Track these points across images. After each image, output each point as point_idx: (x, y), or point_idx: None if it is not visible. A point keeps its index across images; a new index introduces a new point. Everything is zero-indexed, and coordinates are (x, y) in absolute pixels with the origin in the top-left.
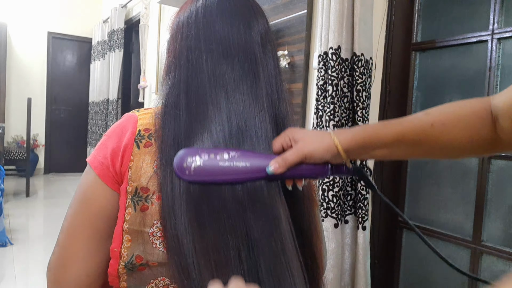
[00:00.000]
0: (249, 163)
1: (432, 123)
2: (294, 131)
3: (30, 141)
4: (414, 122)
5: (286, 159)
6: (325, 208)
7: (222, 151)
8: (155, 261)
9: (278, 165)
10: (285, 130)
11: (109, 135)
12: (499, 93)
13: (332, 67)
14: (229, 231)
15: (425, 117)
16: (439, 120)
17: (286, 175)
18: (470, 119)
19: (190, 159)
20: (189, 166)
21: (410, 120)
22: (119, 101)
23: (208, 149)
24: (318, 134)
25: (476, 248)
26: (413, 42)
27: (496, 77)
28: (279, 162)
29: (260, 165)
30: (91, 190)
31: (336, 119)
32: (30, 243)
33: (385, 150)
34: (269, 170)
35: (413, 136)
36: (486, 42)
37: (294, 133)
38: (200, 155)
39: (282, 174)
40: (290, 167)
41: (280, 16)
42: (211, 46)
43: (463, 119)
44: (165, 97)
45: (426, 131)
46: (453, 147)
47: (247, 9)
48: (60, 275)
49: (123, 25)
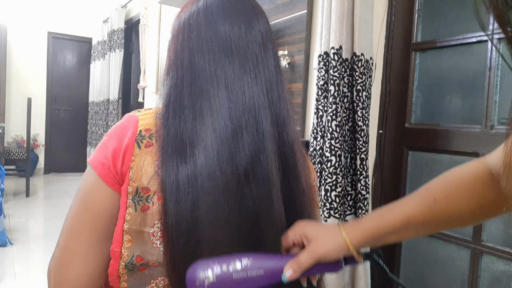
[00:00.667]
0: (263, 270)
1: (435, 198)
2: (305, 228)
3: (30, 141)
4: (416, 201)
5: (301, 264)
6: (328, 208)
7: (234, 260)
8: (155, 261)
9: (293, 271)
10: (295, 225)
11: (110, 135)
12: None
13: (334, 67)
14: None
15: (426, 193)
16: (441, 194)
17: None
18: (473, 186)
19: (202, 274)
20: (202, 283)
21: (412, 199)
22: (120, 101)
23: (220, 260)
24: (328, 231)
25: (476, 248)
26: (413, 42)
27: (496, 77)
28: (294, 268)
29: (275, 271)
30: (92, 190)
31: (338, 119)
32: (30, 243)
33: (394, 235)
34: (284, 278)
35: (419, 216)
36: (486, 42)
37: (305, 230)
38: (212, 268)
39: None
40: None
41: (280, 16)
42: (212, 46)
43: (466, 188)
44: (166, 97)
45: (431, 208)
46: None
47: (248, 9)
48: (61, 276)
49: (123, 25)
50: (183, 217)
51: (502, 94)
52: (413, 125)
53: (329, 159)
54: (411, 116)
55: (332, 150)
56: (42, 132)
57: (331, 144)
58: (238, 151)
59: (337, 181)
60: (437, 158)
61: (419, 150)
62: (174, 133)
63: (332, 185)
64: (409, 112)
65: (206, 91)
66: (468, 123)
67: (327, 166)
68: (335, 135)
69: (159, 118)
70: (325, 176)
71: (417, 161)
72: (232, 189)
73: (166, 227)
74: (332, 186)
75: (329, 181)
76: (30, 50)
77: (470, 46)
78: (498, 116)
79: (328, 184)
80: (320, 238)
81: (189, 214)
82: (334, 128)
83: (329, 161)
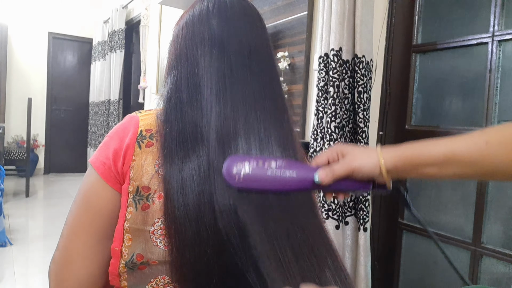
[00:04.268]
0: (296, 172)
1: (487, 141)
2: (342, 146)
3: (30, 141)
4: (466, 139)
5: (334, 171)
6: (326, 209)
7: (269, 159)
8: (155, 259)
9: (326, 175)
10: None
11: (111, 136)
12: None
13: (333, 69)
14: None
15: (479, 134)
16: (496, 138)
17: (331, 187)
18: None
19: (239, 165)
20: (239, 172)
21: (463, 137)
22: (121, 101)
23: (256, 157)
24: (365, 150)
25: (476, 250)
26: (413, 44)
27: (496, 79)
28: (327, 172)
29: (307, 176)
30: (93, 190)
31: (337, 120)
32: (30, 243)
33: (434, 168)
34: (316, 178)
35: (465, 154)
36: (486, 44)
37: (342, 147)
38: (249, 161)
39: (327, 186)
40: (336, 179)
41: (281, 17)
42: (211, 46)
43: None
44: (167, 95)
45: (480, 149)
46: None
47: (244, 10)
48: (62, 274)
49: (123, 26)
50: (189, 205)
51: (502, 96)
52: (413, 127)
53: None
54: (411, 117)
55: None
56: (42, 132)
57: (330, 146)
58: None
59: None
60: None
61: None
62: (175, 129)
63: None
64: (409, 113)
65: (205, 88)
66: (469, 125)
67: None
68: (334, 136)
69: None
70: None
71: None
72: None
73: (172, 217)
74: None
75: None
76: (30, 50)
77: (470, 48)
78: (499, 118)
79: None
80: (357, 153)
81: (196, 202)
82: (333, 129)
83: None
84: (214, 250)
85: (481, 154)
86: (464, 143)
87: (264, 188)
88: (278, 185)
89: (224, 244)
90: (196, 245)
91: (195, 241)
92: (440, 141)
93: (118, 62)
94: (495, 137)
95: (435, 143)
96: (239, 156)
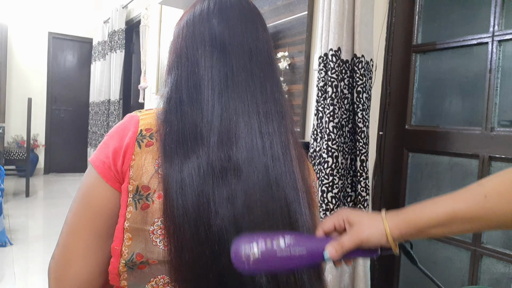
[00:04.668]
0: (305, 249)
1: (486, 194)
2: (348, 213)
3: (30, 141)
4: (465, 195)
5: (343, 245)
6: (324, 209)
7: (277, 237)
8: (155, 259)
9: (335, 251)
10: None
11: (111, 135)
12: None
13: (332, 69)
14: None
15: (477, 188)
16: (494, 189)
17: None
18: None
19: (247, 248)
20: (248, 257)
21: (462, 193)
22: (121, 101)
23: (264, 235)
24: (372, 218)
25: (476, 250)
26: (413, 44)
27: (496, 79)
28: (336, 248)
29: (316, 250)
30: (93, 189)
31: (335, 120)
32: (30, 243)
33: (439, 229)
34: (326, 256)
35: (466, 211)
36: (486, 44)
37: (349, 215)
38: (256, 242)
39: None
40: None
41: (281, 17)
42: (211, 46)
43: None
44: (167, 94)
45: (479, 204)
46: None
47: (246, 10)
48: (62, 273)
49: (123, 26)
50: (188, 206)
51: (502, 96)
52: (413, 127)
53: (325, 160)
54: (411, 117)
55: (329, 151)
56: (42, 132)
57: (328, 145)
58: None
59: (334, 182)
60: (437, 160)
61: (419, 152)
62: (175, 128)
63: (329, 186)
64: (409, 113)
65: (205, 88)
66: (468, 125)
67: (324, 167)
68: (332, 136)
69: (161, 115)
70: (322, 177)
71: (417, 162)
72: None
73: (171, 217)
74: (328, 187)
75: (325, 182)
76: (30, 50)
77: (470, 48)
78: (499, 118)
79: (325, 185)
80: (364, 223)
81: (195, 202)
82: (331, 129)
83: (326, 162)
84: (213, 251)
85: (482, 208)
86: (464, 200)
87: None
88: (288, 265)
89: (223, 245)
90: (195, 245)
91: (194, 241)
92: (441, 200)
93: (118, 62)
94: (493, 189)
95: (436, 203)
96: (245, 236)
